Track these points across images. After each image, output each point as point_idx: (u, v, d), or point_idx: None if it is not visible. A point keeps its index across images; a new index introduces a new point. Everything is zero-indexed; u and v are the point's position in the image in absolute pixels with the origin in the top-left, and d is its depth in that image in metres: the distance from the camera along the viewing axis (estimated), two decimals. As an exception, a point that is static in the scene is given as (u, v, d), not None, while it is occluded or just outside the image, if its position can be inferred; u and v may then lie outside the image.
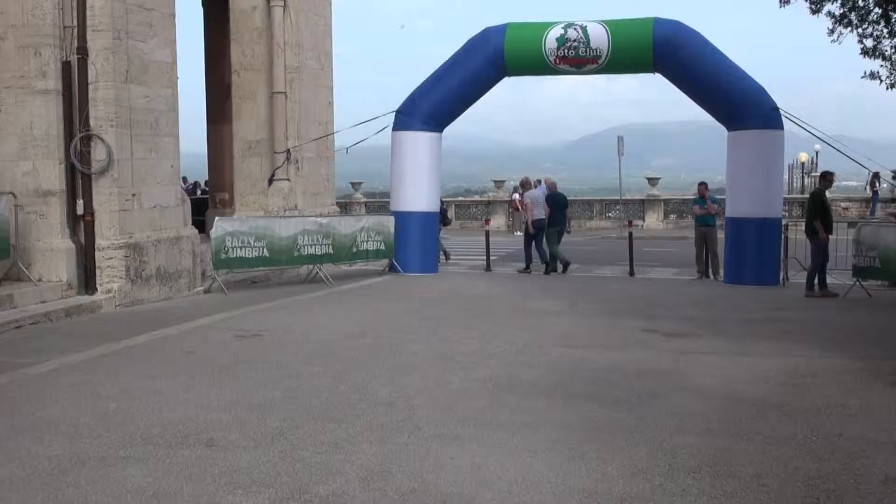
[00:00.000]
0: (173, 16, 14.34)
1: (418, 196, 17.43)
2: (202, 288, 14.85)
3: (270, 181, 18.51)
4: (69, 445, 6.00)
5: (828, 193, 31.77)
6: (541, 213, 18.22)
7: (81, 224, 13.01)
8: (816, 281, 14.47)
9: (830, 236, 14.50)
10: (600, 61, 16.39)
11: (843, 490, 5.19)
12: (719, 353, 9.29)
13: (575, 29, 16.41)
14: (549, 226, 18.14)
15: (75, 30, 12.77)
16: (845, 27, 14.00)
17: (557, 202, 18.41)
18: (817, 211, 14.50)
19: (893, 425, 6.54)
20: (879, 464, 5.65)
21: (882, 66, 14.16)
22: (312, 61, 19.64)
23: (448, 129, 17.98)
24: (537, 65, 16.85)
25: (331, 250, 16.24)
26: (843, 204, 31.59)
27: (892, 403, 7.19)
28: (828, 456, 5.79)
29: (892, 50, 14.04)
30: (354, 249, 16.74)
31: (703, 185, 18.14)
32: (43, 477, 5.38)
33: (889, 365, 8.71)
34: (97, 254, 13.00)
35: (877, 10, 13.67)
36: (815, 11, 13.98)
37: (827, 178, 15.57)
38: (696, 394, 7.49)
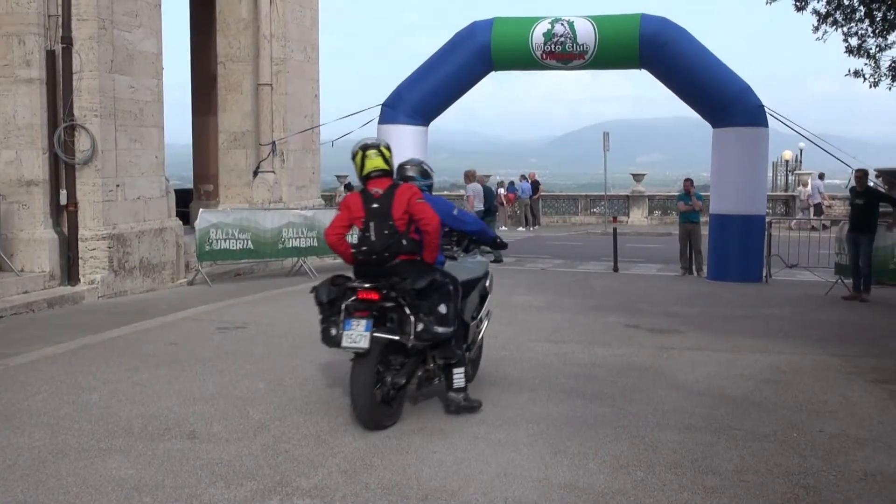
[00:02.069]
0: (159, 6, 14.28)
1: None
2: (186, 280, 14.80)
3: (255, 173, 18.47)
4: (50, 437, 5.97)
5: (810, 191, 31.75)
6: (481, 205, 19.49)
7: (65, 214, 12.95)
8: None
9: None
10: (587, 57, 16.41)
11: (822, 486, 5.22)
12: (702, 350, 9.34)
13: (562, 24, 16.42)
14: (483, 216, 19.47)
15: (60, 18, 12.70)
16: (830, 25, 14.05)
17: (487, 195, 20.17)
18: None
19: (873, 422, 6.59)
20: (859, 460, 5.69)
21: (866, 64, 14.24)
22: (298, 53, 19.59)
23: (434, 124, 17.97)
24: (524, 60, 16.85)
25: (315, 243, 16.20)
26: (826, 202, 31.70)
27: (872, 400, 7.25)
28: (808, 452, 5.83)
29: (877, 49, 14.11)
30: (339, 242, 16.68)
31: (688, 181, 18.20)
32: (23, 468, 5.35)
33: (870, 362, 8.77)
34: (80, 244, 12.95)
35: (861, 8, 13.74)
36: (799, 9, 14.03)
37: (854, 175, 14.20)
38: (679, 390, 7.52)
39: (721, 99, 15.93)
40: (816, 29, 14.20)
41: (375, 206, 6.31)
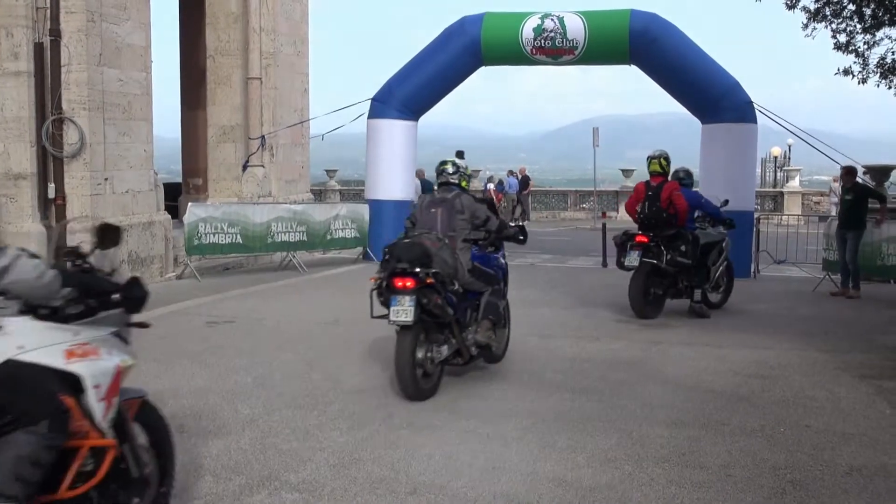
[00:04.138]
0: (148, -1, 14.22)
1: (393, 184, 17.40)
2: (174, 274, 14.76)
3: (245, 167, 18.40)
4: (38, 431, 5.95)
5: (798, 187, 31.89)
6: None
7: (53, 208, 12.89)
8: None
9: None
10: (577, 52, 16.41)
11: (809, 480, 5.26)
12: (690, 345, 9.37)
13: (552, 19, 16.41)
14: None
15: (48, 11, 12.62)
16: (819, 22, 14.10)
17: (426, 189, 19.61)
18: None
19: (860, 417, 6.63)
20: (845, 455, 5.73)
21: (855, 61, 14.29)
22: (288, 47, 19.54)
23: (424, 118, 17.95)
24: (514, 55, 16.84)
25: (305, 238, 16.18)
26: (814, 198, 31.85)
27: (859, 396, 7.29)
28: (795, 447, 5.87)
29: (865, 46, 14.17)
30: (328, 237, 16.68)
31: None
32: (11, 462, 5.33)
33: (857, 358, 8.82)
34: (68, 237, 12.89)
35: (850, 6, 13.79)
36: (790, 7, 14.07)
37: (842, 172, 14.30)
38: (667, 384, 7.55)
39: (710, 95, 15.95)
40: (806, 26, 14.24)
41: (650, 193, 11.07)
